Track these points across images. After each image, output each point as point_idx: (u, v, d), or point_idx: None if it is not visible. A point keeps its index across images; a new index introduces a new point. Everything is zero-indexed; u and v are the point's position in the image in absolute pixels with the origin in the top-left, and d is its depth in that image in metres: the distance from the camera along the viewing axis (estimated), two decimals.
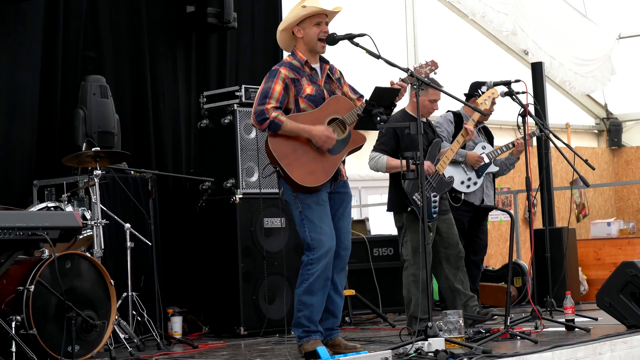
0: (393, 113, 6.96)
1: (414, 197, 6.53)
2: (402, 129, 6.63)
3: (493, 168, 7.70)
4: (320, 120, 5.62)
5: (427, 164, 6.49)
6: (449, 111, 7.83)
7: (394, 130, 6.67)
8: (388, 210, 6.84)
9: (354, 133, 5.75)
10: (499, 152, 7.63)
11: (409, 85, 5.73)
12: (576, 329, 6.40)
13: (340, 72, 5.89)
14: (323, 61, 5.80)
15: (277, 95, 5.55)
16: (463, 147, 7.22)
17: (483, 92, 7.57)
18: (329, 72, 5.79)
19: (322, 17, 5.66)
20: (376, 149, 6.77)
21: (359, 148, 5.82)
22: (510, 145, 7.59)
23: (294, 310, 5.64)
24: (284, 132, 5.53)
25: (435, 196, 6.63)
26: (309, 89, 5.65)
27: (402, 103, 6.58)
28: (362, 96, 5.87)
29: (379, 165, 6.73)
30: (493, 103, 7.18)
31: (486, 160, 7.59)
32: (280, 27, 5.74)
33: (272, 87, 5.56)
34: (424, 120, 6.86)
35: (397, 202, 6.68)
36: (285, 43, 5.80)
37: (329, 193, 5.69)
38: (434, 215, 6.62)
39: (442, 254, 6.76)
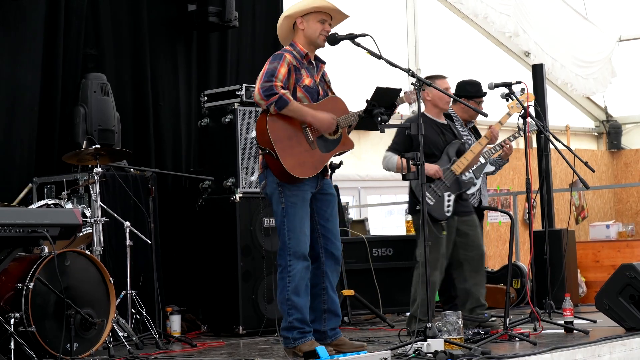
0: (410, 115, 6.98)
1: None
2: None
3: (489, 168, 7.69)
4: None
5: (434, 167, 6.52)
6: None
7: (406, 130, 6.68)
8: (408, 213, 6.83)
9: (345, 137, 5.77)
10: (493, 151, 7.60)
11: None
12: (575, 331, 6.41)
13: (329, 77, 5.89)
14: (320, 60, 5.81)
15: (281, 77, 5.51)
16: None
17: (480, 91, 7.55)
18: (322, 73, 5.80)
19: (327, 15, 5.66)
20: (390, 148, 6.77)
21: (345, 152, 5.83)
22: (498, 148, 7.48)
23: (284, 315, 5.59)
24: (289, 111, 5.48)
25: (449, 195, 6.62)
26: (307, 81, 5.65)
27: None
28: None
29: (389, 164, 6.74)
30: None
31: (482, 160, 7.57)
32: (286, 13, 5.72)
33: (278, 68, 5.51)
34: (445, 122, 6.87)
35: (412, 203, 6.69)
36: (284, 32, 5.77)
37: (315, 193, 5.68)
38: (448, 214, 6.59)
39: (462, 256, 6.69)
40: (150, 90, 8.27)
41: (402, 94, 5.79)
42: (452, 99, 6.90)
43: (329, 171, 5.80)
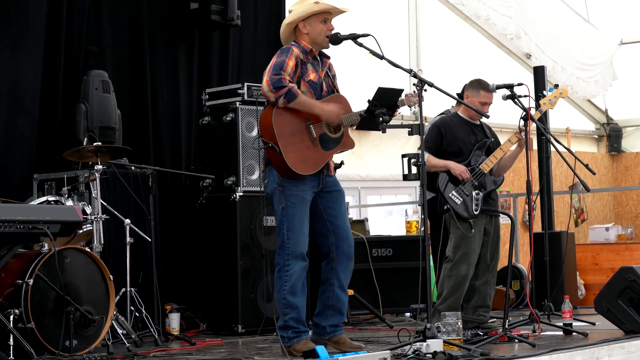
0: (444, 115, 7.04)
1: (450, 195, 6.59)
2: (447, 126, 6.73)
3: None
4: None
5: (461, 168, 6.63)
6: (441, 114, 7.79)
7: (438, 128, 6.81)
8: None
9: (346, 136, 5.80)
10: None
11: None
12: (574, 333, 6.41)
13: (334, 72, 5.91)
14: (324, 55, 5.83)
15: (289, 70, 5.54)
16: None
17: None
18: (327, 68, 5.82)
19: (327, 14, 5.69)
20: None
21: (346, 151, 5.85)
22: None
23: (279, 314, 5.63)
24: (297, 104, 5.51)
25: (477, 194, 6.66)
26: (312, 75, 5.68)
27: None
28: None
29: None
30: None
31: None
32: (287, 19, 5.75)
33: (286, 61, 5.54)
34: (478, 122, 6.93)
35: (433, 207, 6.71)
36: (287, 37, 5.80)
37: (319, 191, 5.69)
38: (476, 212, 6.65)
39: (481, 253, 6.80)
40: (152, 88, 8.27)
41: (402, 96, 5.79)
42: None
43: (334, 169, 5.81)
